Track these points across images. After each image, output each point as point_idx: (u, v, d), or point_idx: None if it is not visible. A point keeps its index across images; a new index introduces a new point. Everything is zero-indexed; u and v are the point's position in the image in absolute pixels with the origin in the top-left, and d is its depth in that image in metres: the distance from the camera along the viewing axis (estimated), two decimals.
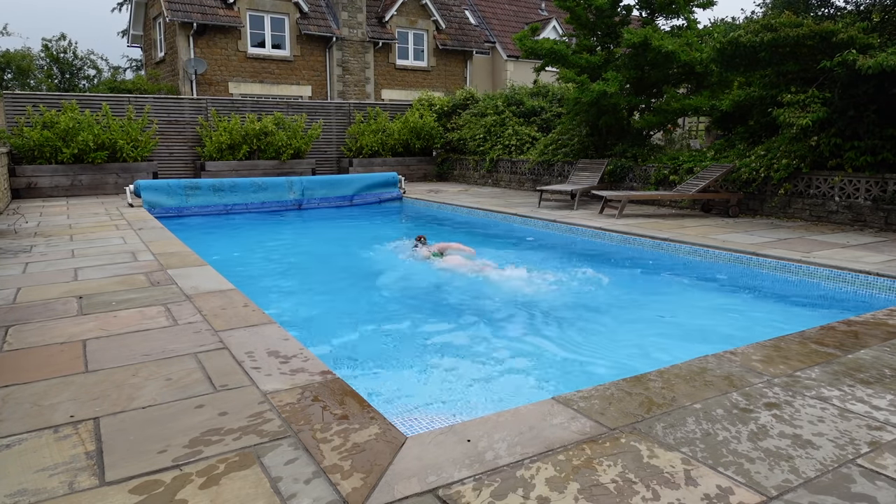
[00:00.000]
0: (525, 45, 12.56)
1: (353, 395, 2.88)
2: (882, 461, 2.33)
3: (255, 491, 2.09)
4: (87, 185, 13.22)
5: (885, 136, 8.40)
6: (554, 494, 2.08)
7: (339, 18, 22.47)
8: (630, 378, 3.12)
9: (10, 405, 2.78)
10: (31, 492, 2.10)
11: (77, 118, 12.89)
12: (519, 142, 15.42)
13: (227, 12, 20.61)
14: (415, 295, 6.44)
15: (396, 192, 13.58)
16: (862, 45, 8.45)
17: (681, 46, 11.06)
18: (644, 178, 11.65)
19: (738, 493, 2.10)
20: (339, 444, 2.41)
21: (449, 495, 2.08)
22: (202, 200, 11.61)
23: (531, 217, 9.89)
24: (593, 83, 11.42)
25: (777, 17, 9.08)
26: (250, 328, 3.85)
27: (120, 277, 5.33)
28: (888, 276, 5.53)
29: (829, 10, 12.36)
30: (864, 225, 8.41)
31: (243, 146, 14.74)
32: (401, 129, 16.73)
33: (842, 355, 3.50)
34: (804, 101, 8.66)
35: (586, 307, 5.99)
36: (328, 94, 22.70)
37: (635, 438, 2.48)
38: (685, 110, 11.96)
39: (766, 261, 6.49)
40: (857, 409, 2.79)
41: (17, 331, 3.84)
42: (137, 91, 20.06)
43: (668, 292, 6.31)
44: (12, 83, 28.59)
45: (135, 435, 2.49)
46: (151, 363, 3.28)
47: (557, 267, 7.64)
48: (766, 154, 9.44)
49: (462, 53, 25.64)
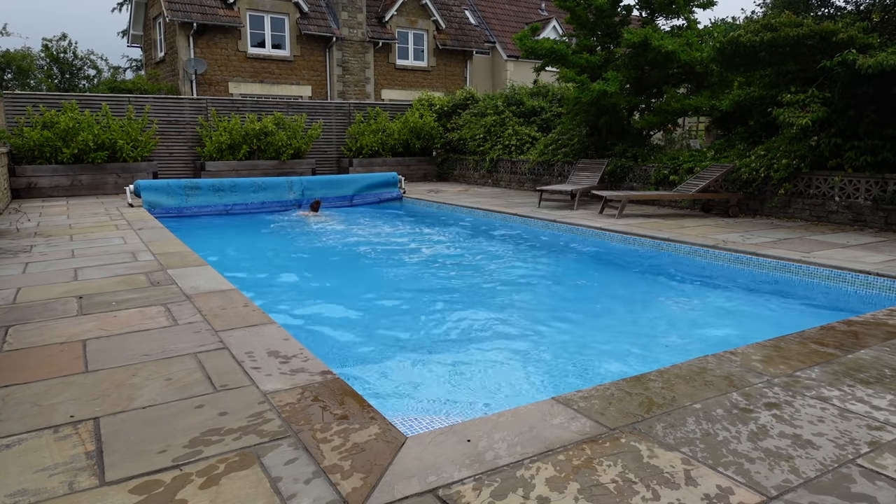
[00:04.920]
0: (525, 45, 12.56)
1: (353, 395, 2.88)
2: (882, 461, 2.33)
3: (255, 491, 2.09)
4: (87, 185, 13.22)
5: (885, 136, 8.40)
6: (554, 494, 2.08)
7: (339, 18, 22.47)
8: (630, 378, 3.12)
9: (10, 405, 2.78)
10: (31, 492, 2.10)
11: (77, 118, 12.89)
12: (519, 142, 15.41)
13: (227, 12, 20.61)
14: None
15: (396, 192, 13.58)
16: (862, 45, 8.46)
17: (681, 46, 11.06)
18: (644, 178, 11.65)
19: (738, 493, 2.10)
20: (339, 444, 2.41)
21: (449, 495, 2.08)
22: (202, 200, 11.61)
23: (531, 217, 9.89)
24: (593, 83, 11.42)
25: (777, 17, 9.08)
26: (250, 328, 3.85)
27: (120, 277, 5.33)
28: (888, 276, 5.53)
29: (829, 9, 12.37)
30: (864, 225, 8.41)
31: (243, 146, 14.74)
32: (401, 129, 16.73)
33: (842, 355, 3.50)
34: (804, 100, 8.66)
35: (586, 307, 5.99)
36: (328, 94, 22.70)
37: (635, 438, 2.48)
38: (685, 110, 11.96)
39: (766, 261, 6.49)
40: (857, 409, 2.79)
41: (17, 331, 3.84)
42: (137, 91, 20.06)
43: (668, 292, 6.31)
44: (12, 83, 28.60)
45: (135, 435, 2.49)
46: (151, 363, 3.27)
47: (557, 267, 7.64)
48: (766, 154, 9.44)
49: (462, 53, 25.64)
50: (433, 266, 7.67)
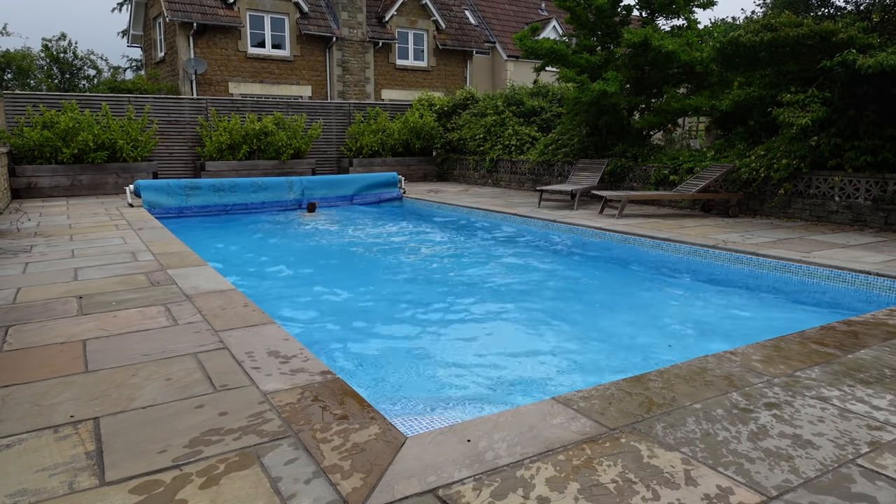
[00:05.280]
0: (525, 45, 12.56)
1: (353, 395, 2.88)
2: (882, 461, 2.33)
3: (255, 491, 2.10)
4: (87, 185, 13.22)
5: (885, 136, 8.40)
6: (554, 494, 2.08)
7: (339, 18, 22.47)
8: (630, 378, 3.12)
9: (10, 405, 2.78)
10: (32, 492, 2.10)
11: (77, 118, 12.88)
12: (519, 142, 15.41)
13: (227, 12, 20.61)
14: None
15: (396, 192, 13.58)
16: (862, 45, 8.45)
17: (681, 46, 11.06)
18: (644, 178, 11.65)
19: (738, 493, 2.10)
20: (339, 444, 2.41)
21: (449, 495, 2.08)
22: (202, 200, 11.61)
23: (531, 217, 9.89)
24: (593, 83, 11.42)
25: (777, 17, 9.08)
26: (250, 328, 3.85)
27: (120, 277, 5.33)
28: (888, 276, 5.53)
29: (829, 10, 12.38)
30: (864, 225, 8.41)
31: (243, 146, 14.73)
32: (401, 129, 16.73)
33: (842, 355, 3.50)
34: (804, 100, 8.66)
35: (586, 307, 5.99)
36: (328, 94, 22.70)
37: (635, 438, 2.48)
38: (685, 110, 11.96)
39: (766, 261, 6.49)
40: (857, 409, 2.79)
41: (17, 331, 3.84)
42: (137, 91, 20.06)
43: (668, 292, 6.31)
44: (12, 83, 28.60)
45: (135, 435, 2.49)
46: (151, 363, 3.27)
47: (557, 267, 7.64)
48: (765, 154, 9.43)
49: (462, 53, 25.64)
50: (433, 266, 7.67)
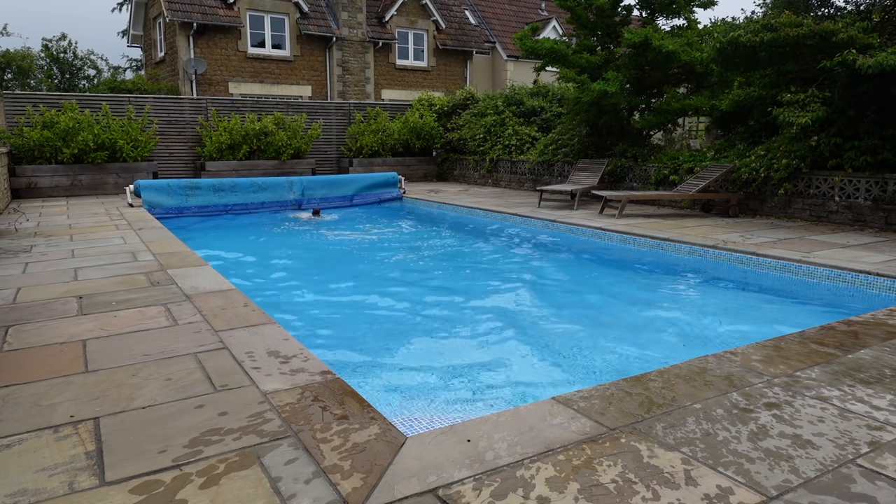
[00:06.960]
0: (525, 45, 12.56)
1: (353, 395, 2.88)
2: (882, 461, 2.33)
3: (255, 491, 2.09)
4: (87, 185, 13.21)
5: (885, 136, 8.40)
6: (554, 494, 2.08)
7: (339, 18, 22.47)
8: (630, 378, 3.12)
9: (10, 405, 2.78)
10: (31, 492, 2.10)
11: (77, 118, 12.88)
12: (519, 142, 15.41)
13: (227, 12, 20.61)
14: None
15: (396, 192, 13.58)
16: (862, 45, 8.45)
17: (681, 46, 11.06)
18: (644, 178, 11.65)
19: (738, 493, 2.10)
20: (339, 444, 2.41)
21: (449, 495, 2.08)
22: (202, 200, 11.61)
23: (531, 217, 9.89)
24: (593, 83, 11.42)
25: (777, 17, 9.07)
26: (250, 328, 3.85)
27: (120, 277, 5.33)
28: (888, 276, 5.53)
29: (829, 10, 12.38)
30: (864, 225, 8.41)
31: (243, 146, 14.73)
32: (401, 129, 16.73)
33: (842, 355, 3.50)
34: (804, 100, 8.66)
35: (586, 307, 5.99)
36: (328, 94, 22.70)
37: (635, 438, 2.48)
38: (685, 110, 11.96)
39: (766, 261, 6.48)
40: (857, 409, 2.79)
41: (17, 331, 3.84)
42: (137, 91, 20.06)
43: (668, 292, 6.31)
44: (12, 83, 28.59)
45: (135, 435, 2.49)
46: (151, 363, 3.27)
47: (557, 267, 7.65)
48: (766, 154, 9.43)
49: (462, 53, 25.64)
50: (433, 266, 7.67)
